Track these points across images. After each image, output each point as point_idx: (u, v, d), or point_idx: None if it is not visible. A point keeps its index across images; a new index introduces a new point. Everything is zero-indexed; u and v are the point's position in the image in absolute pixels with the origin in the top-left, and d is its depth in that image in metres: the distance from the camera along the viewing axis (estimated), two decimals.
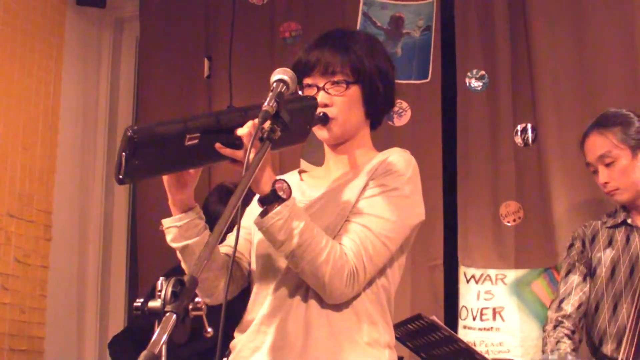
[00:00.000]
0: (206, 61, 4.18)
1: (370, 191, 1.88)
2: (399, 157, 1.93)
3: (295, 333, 1.82)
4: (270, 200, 1.72)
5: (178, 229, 1.85)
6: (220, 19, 4.19)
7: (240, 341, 1.91)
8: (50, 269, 4.10)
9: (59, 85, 4.25)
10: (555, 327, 2.76)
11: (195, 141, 1.66)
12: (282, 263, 1.85)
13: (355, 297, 1.85)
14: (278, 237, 1.73)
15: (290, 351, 1.82)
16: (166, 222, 1.87)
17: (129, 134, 1.58)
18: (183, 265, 1.92)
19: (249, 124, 1.69)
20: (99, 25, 4.57)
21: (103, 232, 4.44)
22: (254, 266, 1.97)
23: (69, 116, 4.30)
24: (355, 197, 1.88)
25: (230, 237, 2.00)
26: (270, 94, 1.68)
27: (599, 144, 2.73)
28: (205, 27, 4.24)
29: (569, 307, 2.75)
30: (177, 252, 1.89)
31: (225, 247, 1.99)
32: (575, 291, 2.77)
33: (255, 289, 1.94)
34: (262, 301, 1.89)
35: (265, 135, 1.64)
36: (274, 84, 1.71)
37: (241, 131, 1.68)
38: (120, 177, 1.62)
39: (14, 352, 3.81)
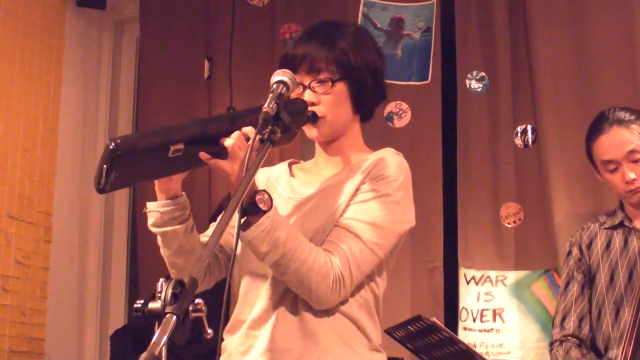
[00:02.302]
0: (206, 62, 4.18)
1: (361, 196, 1.87)
2: (391, 161, 1.91)
3: (285, 338, 1.82)
4: (251, 212, 1.71)
5: (160, 214, 1.84)
6: (220, 20, 4.19)
7: (229, 344, 1.91)
8: (51, 270, 4.10)
9: (59, 87, 4.26)
10: (561, 342, 2.73)
11: (180, 151, 1.65)
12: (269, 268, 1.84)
13: (343, 302, 1.84)
14: (261, 248, 1.72)
15: (279, 355, 1.82)
16: (150, 206, 1.87)
17: (111, 147, 1.57)
18: (162, 251, 1.90)
19: (235, 134, 1.69)
20: (99, 26, 4.57)
21: (103, 233, 4.44)
22: (241, 265, 1.95)
23: (69, 118, 4.31)
24: (347, 201, 1.87)
25: (213, 226, 1.97)
26: (271, 95, 1.67)
27: (626, 138, 2.61)
28: (205, 28, 4.24)
29: (570, 324, 2.71)
30: (158, 237, 1.89)
31: (206, 238, 1.96)
32: (575, 305, 2.73)
33: (243, 289, 1.92)
34: (252, 303, 1.88)
35: (266, 136, 1.63)
36: (274, 86, 1.70)
37: (227, 142, 1.68)
38: (100, 187, 1.61)
39: (14, 354, 3.81)
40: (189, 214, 1.88)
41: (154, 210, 1.85)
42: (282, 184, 2.00)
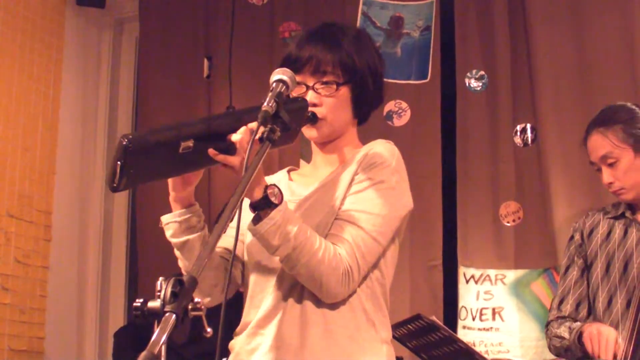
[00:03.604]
0: (206, 61, 4.18)
1: (357, 186, 1.89)
2: (382, 149, 1.93)
3: (291, 333, 1.83)
4: (263, 206, 1.73)
5: (179, 224, 1.86)
6: (220, 19, 4.19)
7: (237, 343, 1.92)
8: (50, 269, 4.10)
9: (59, 86, 4.26)
10: (557, 319, 2.74)
11: (190, 148, 1.66)
12: (276, 265, 1.86)
13: (350, 294, 1.85)
14: (273, 242, 1.74)
15: (287, 351, 1.83)
16: (166, 218, 1.88)
17: (125, 143, 1.58)
18: (180, 262, 1.92)
19: (243, 129, 1.70)
20: (98, 25, 4.57)
21: (103, 232, 4.45)
22: (249, 263, 1.97)
23: (68, 117, 4.30)
24: (343, 193, 1.89)
25: (224, 239, 2.01)
26: (270, 94, 1.67)
27: (599, 144, 2.67)
28: (205, 27, 4.24)
29: (567, 307, 2.73)
30: (175, 250, 1.90)
31: (220, 248, 1.99)
32: (573, 289, 2.76)
33: (250, 291, 1.94)
34: (258, 304, 1.89)
35: (265, 135, 1.64)
36: (274, 84, 1.71)
37: (235, 137, 1.69)
38: (114, 185, 1.62)
39: (13, 353, 3.81)
40: (204, 222, 1.90)
41: (171, 221, 1.87)
42: (282, 188, 2.00)
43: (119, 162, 1.59)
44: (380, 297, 1.92)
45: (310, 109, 1.90)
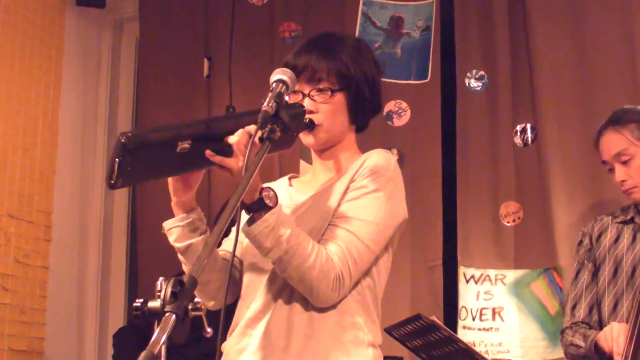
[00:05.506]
0: (206, 61, 4.18)
1: (352, 194, 1.90)
2: (378, 158, 1.95)
3: (278, 333, 1.85)
4: (257, 208, 1.74)
5: (181, 228, 1.87)
6: (220, 19, 4.19)
7: (228, 344, 1.94)
8: (50, 269, 4.10)
9: (59, 86, 4.26)
10: (571, 327, 2.74)
11: (187, 148, 1.67)
12: (268, 267, 1.88)
13: (340, 299, 1.87)
14: (265, 244, 1.75)
15: (272, 351, 1.84)
16: (168, 224, 1.89)
17: (123, 140, 1.60)
18: (184, 267, 1.94)
19: (240, 132, 1.71)
20: (98, 25, 4.57)
21: (103, 232, 4.44)
22: (244, 264, 1.99)
23: (68, 117, 4.31)
24: (338, 200, 1.91)
25: (226, 242, 2.03)
26: (270, 94, 1.68)
27: (614, 141, 2.69)
28: (205, 27, 4.24)
29: (581, 312, 2.73)
30: (179, 254, 1.91)
31: (223, 251, 2.02)
32: (585, 293, 2.75)
33: (242, 292, 1.97)
34: (249, 304, 1.91)
35: (265, 135, 1.65)
36: (274, 84, 1.71)
37: (232, 139, 1.71)
38: (112, 182, 1.63)
39: (13, 353, 3.82)
40: (206, 227, 1.91)
41: (174, 226, 1.89)
42: (281, 193, 2.02)
43: (117, 159, 1.61)
44: (371, 304, 1.93)
45: (307, 116, 1.92)
